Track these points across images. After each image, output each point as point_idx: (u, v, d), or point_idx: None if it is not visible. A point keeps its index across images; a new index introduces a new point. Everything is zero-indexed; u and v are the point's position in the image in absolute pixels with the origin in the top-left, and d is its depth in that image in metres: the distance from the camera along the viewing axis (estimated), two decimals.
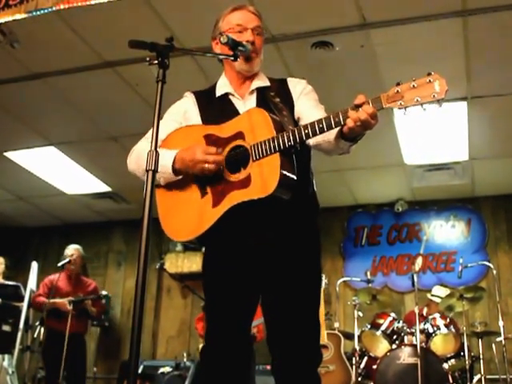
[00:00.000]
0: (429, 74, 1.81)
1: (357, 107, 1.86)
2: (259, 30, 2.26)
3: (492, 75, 4.63)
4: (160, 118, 1.81)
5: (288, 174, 1.97)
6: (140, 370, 6.57)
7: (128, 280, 7.91)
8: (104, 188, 7.12)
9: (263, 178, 1.97)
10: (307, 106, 2.21)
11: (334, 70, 4.58)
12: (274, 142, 1.96)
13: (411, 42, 4.27)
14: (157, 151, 1.77)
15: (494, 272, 5.66)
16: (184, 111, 2.32)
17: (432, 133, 5.54)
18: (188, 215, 2.15)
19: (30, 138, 5.86)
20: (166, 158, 2.09)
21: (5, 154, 6.24)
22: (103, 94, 5.07)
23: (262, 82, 2.30)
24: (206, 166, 2.04)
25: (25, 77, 4.82)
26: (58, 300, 5.53)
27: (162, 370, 6.31)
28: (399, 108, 1.84)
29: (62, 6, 3.49)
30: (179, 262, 7.61)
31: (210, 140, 2.14)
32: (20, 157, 6.33)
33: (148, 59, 1.85)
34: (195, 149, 2.08)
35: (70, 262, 5.70)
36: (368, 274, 6.16)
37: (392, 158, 6.07)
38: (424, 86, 1.80)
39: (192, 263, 7.55)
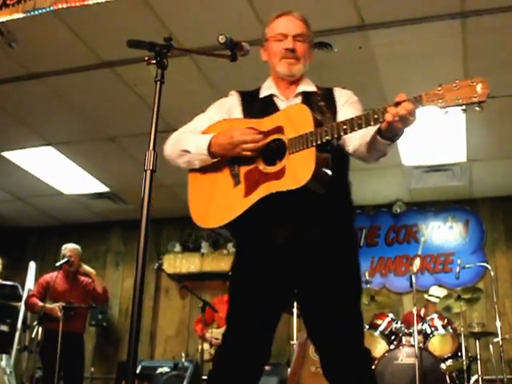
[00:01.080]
0: (472, 78, 1.85)
1: (397, 105, 1.90)
2: (302, 37, 2.30)
3: (490, 77, 4.57)
4: (158, 118, 1.81)
5: (323, 169, 1.99)
6: (138, 370, 6.57)
7: (126, 280, 7.90)
8: (102, 188, 7.11)
9: (298, 169, 1.99)
10: (350, 114, 2.17)
11: (333, 71, 4.57)
12: (311, 136, 1.98)
13: (410, 44, 4.27)
14: (155, 151, 1.78)
15: (492, 273, 5.67)
16: (228, 107, 2.35)
17: (430, 134, 5.54)
18: (218, 203, 2.16)
19: (28, 137, 5.85)
20: (202, 140, 2.15)
21: (2, 153, 6.22)
22: (101, 94, 5.06)
23: (308, 86, 2.34)
24: (245, 146, 2.07)
25: (23, 77, 4.82)
26: (49, 305, 5.44)
27: (160, 370, 6.30)
28: (440, 107, 1.86)
29: (60, 6, 3.49)
30: (177, 263, 7.60)
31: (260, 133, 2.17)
32: (18, 157, 6.32)
33: (146, 59, 1.85)
34: (232, 130, 2.11)
35: (68, 261, 5.64)
36: (366, 274, 6.17)
37: (390, 159, 6.02)
38: (466, 87, 1.83)
39: (190, 264, 7.54)
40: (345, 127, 1.95)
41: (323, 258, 2.10)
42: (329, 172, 2.01)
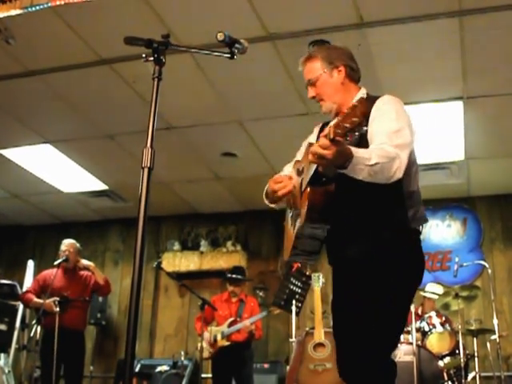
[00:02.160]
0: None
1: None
2: (312, 81, 2.39)
3: (488, 75, 4.64)
4: (156, 114, 1.80)
5: (317, 205, 2.14)
6: (137, 369, 6.59)
7: (125, 279, 7.89)
8: (101, 186, 7.10)
9: (302, 208, 2.20)
10: (373, 131, 2.17)
11: None
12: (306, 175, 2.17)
13: (408, 42, 4.27)
14: (153, 148, 1.77)
15: (489, 271, 5.68)
16: (309, 142, 2.48)
17: (428, 132, 5.55)
18: (287, 238, 2.44)
19: (26, 135, 5.85)
20: None
21: (0, 151, 6.22)
22: (100, 92, 5.06)
23: None
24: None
25: (20, 74, 4.80)
26: (44, 301, 5.40)
27: (159, 368, 6.32)
28: (341, 137, 1.81)
29: (57, 2, 3.49)
30: (176, 261, 7.61)
31: (298, 172, 2.39)
32: (16, 154, 6.31)
33: (144, 56, 1.85)
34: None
35: (66, 260, 5.62)
36: None
37: None
38: (352, 109, 1.78)
39: (189, 262, 7.55)
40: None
41: (355, 277, 2.22)
42: (327, 205, 2.14)
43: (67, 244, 5.73)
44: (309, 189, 2.12)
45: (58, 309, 5.26)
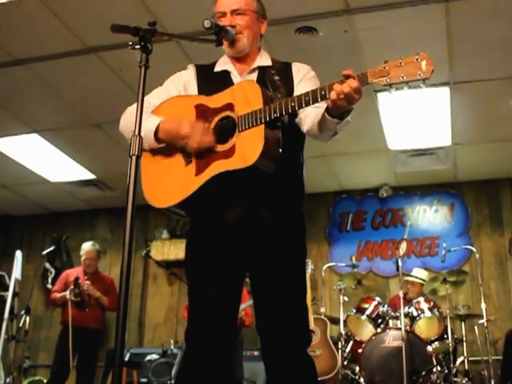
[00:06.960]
0: (417, 54, 1.86)
1: (342, 81, 1.88)
2: (241, 11, 2.26)
3: (474, 61, 4.65)
4: (143, 103, 1.80)
5: (272, 147, 1.98)
6: (127, 358, 6.59)
7: (114, 268, 7.86)
8: (88, 176, 7.07)
9: (246, 148, 1.98)
10: (307, 90, 2.19)
11: (318, 55, 4.57)
12: (260, 113, 1.97)
13: (394, 28, 4.27)
14: (140, 136, 1.77)
15: (477, 256, 5.73)
16: (184, 81, 2.34)
17: (415, 118, 5.57)
18: (169, 182, 2.15)
19: (13, 125, 5.79)
20: (150, 125, 2.11)
21: None
22: (86, 80, 5.02)
23: (263, 61, 2.33)
24: (190, 142, 2.06)
25: (6, 63, 4.75)
26: (60, 294, 5.64)
27: (148, 357, 6.32)
28: (384, 85, 1.85)
29: None
30: (165, 250, 7.60)
31: (200, 110, 2.15)
32: (2, 144, 6.25)
33: (130, 43, 1.84)
34: (182, 122, 2.09)
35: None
36: (353, 258, 6.20)
37: (376, 143, 6.10)
38: (411, 64, 1.84)
39: (178, 250, 7.53)
40: (293, 104, 1.95)
41: (271, 238, 2.13)
42: (279, 150, 2.01)
43: (83, 249, 6.07)
44: (264, 131, 1.96)
45: (71, 295, 5.43)
